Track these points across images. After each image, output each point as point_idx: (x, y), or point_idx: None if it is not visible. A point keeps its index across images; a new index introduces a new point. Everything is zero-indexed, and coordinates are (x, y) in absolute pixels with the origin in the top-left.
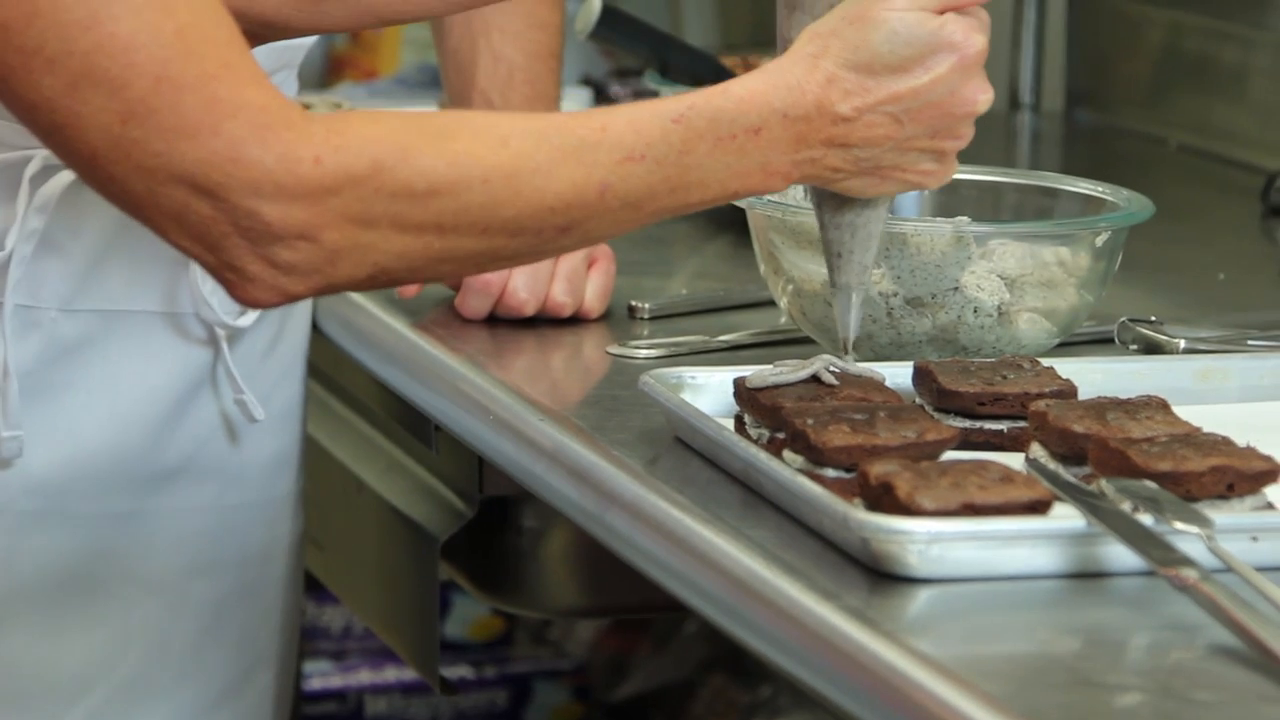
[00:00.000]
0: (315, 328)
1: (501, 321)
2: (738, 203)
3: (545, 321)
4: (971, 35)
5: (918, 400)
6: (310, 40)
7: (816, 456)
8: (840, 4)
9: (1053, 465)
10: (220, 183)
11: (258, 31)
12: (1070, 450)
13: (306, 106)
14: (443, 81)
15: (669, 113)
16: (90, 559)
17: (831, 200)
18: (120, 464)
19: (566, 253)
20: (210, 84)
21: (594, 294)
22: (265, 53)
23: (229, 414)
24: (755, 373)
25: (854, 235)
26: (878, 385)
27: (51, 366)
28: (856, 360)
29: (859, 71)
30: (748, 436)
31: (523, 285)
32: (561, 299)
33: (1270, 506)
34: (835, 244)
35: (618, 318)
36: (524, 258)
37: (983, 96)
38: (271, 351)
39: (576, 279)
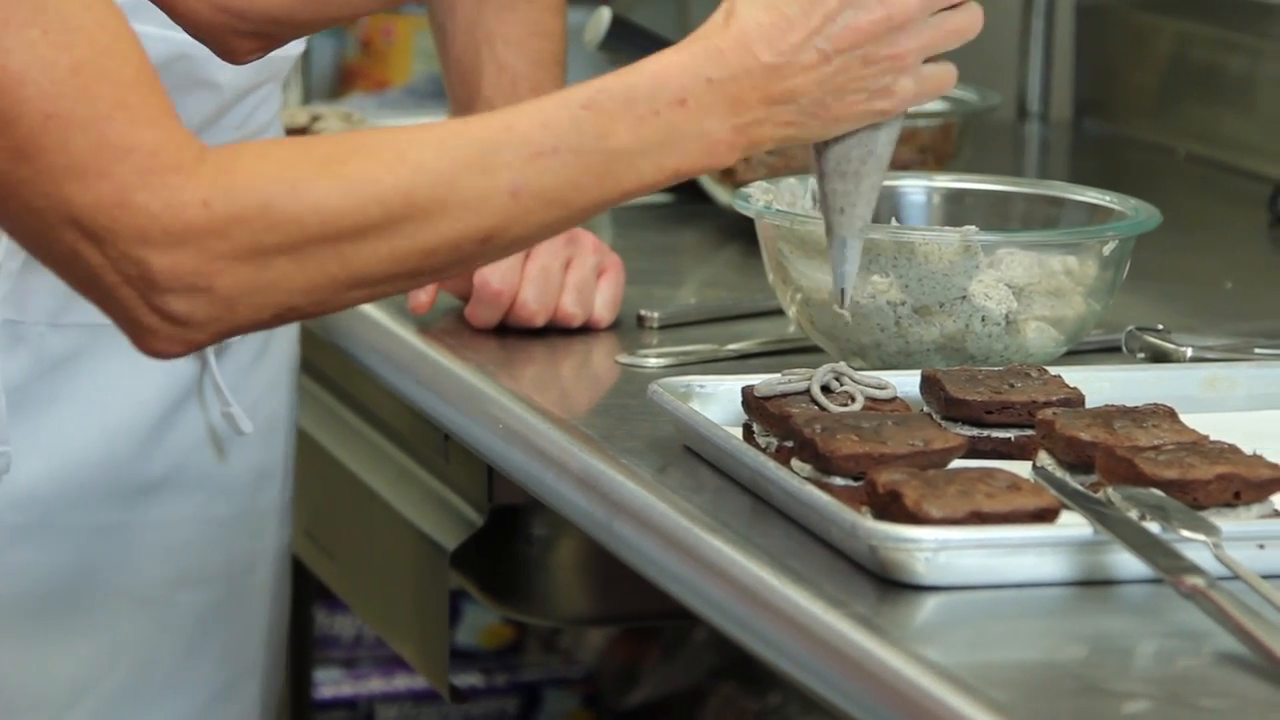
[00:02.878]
0: (326, 338)
1: (511, 331)
2: (746, 213)
3: (554, 331)
4: None
5: (925, 409)
6: (295, 53)
7: (824, 465)
8: None
9: (1060, 473)
10: (107, 228)
11: (267, 30)
12: (1077, 458)
13: (316, 118)
14: (447, 91)
15: (577, 100)
16: (77, 571)
17: (826, 150)
18: (107, 476)
19: (498, 260)
20: (101, 124)
21: (603, 304)
22: (250, 67)
23: (215, 426)
24: (763, 381)
25: (835, 182)
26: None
27: (39, 381)
28: (850, 315)
29: (768, 14)
30: (756, 445)
31: (533, 296)
32: (571, 309)
33: (1277, 514)
34: (819, 194)
35: (627, 327)
36: (448, 272)
37: (899, 3)
38: (258, 363)
39: (586, 289)
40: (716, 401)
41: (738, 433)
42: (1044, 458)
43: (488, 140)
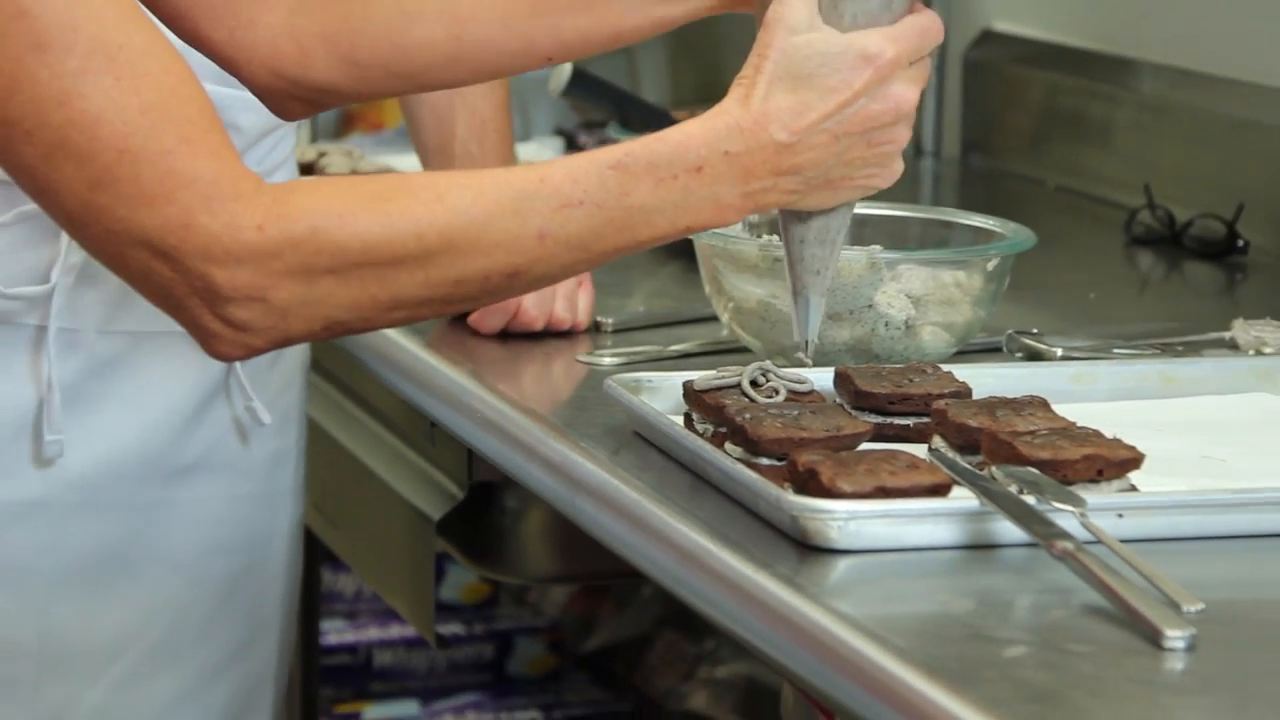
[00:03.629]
0: (332, 342)
1: (484, 336)
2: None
3: (520, 334)
4: (883, 44)
5: (838, 400)
6: None
7: (753, 448)
8: (755, 44)
9: (951, 454)
10: (175, 247)
11: (314, 98)
12: (966, 442)
13: (323, 154)
14: (419, 131)
15: (606, 160)
16: (121, 542)
17: (793, 216)
18: (147, 461)
19: (523, 294)
20: (167, 158)
21: (584, 310)
22: (268, 113)
23: (239, 418)
24: (701, 377)
25: (810, 244)
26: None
27: (89, 380)
28: (812, 361)
29: (787, 98)
30: (695, 431)
31: (533, 304)
32: (563, 315)
33: (1133, 488)
34: (794, 254)
35: (586, 330)
36: (479, 301)
37: (906, 97)
38: (275, 365)
39: (572, 298)
40: (661, 394)
41: (679, 421)
42: (938, 441)
43: (521, 189)
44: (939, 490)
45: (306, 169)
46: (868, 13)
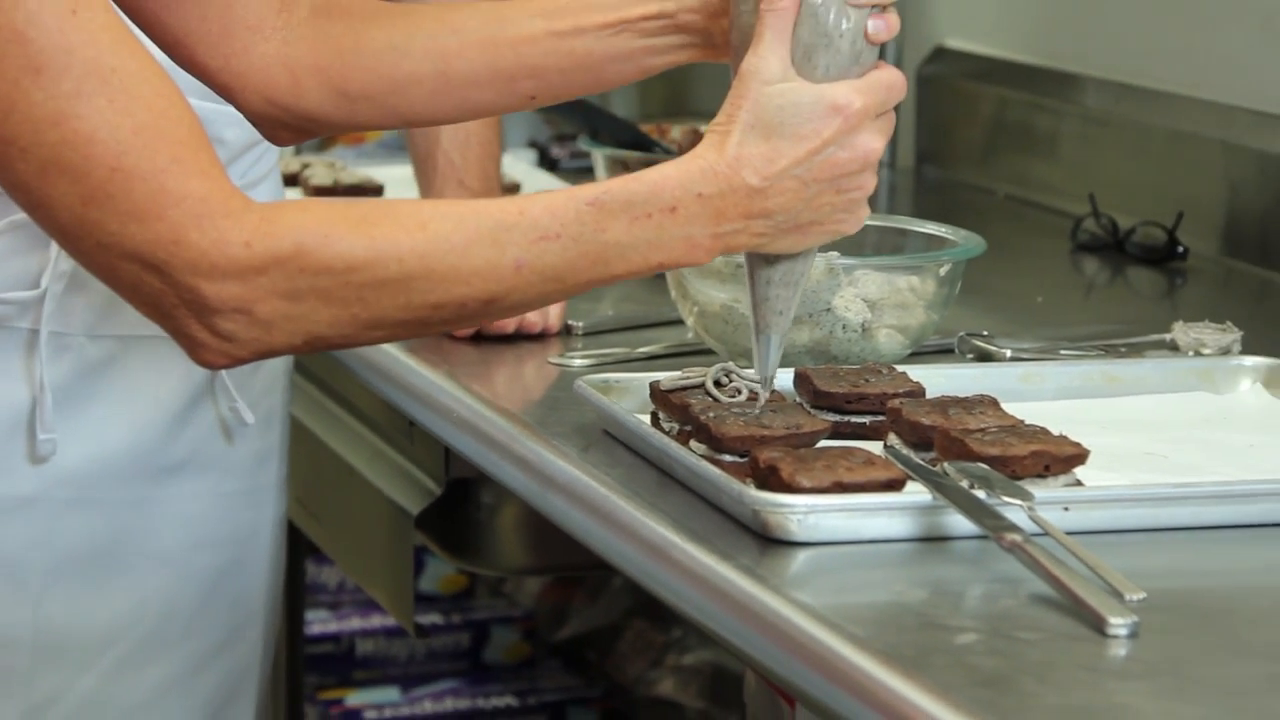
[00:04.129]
0: None
1: (459, 338)
2: None
3: (493, 337)
4: (852, 95)
5: (798, 399)
6: None
7: (716, 445)
8: (730, 93)
9: (906, 451)
10: (165, 261)
11: (304, 125)
12: (920, 439)
13: (306, 165)
14: (410, 141)
15: (585, 197)
16: (112, 538)
17: (760, 259)
18: (137, 460)
19: (499, 319)
20: (159, 176)
21: (555, 314)
22: (251, 129)
23: (224, 418)
24: (667, 377)
25: (775, 285)
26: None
27: (80, 382)
28: (770, 393)
29: (760, 145)
30: (661, 429)
31: None
32: (534, 318)
33: (1079, 483)
34: (759, 294)
35: (558, 334)
36: (455, 324)
37: (873, 147)
38: (259, 367)
39: None
40: (629, 394)
41: (646, 419)
42: (893, 438)
43: (501, 220)
44: (894, 485)
45: (290, 180)
46: (839, 64)
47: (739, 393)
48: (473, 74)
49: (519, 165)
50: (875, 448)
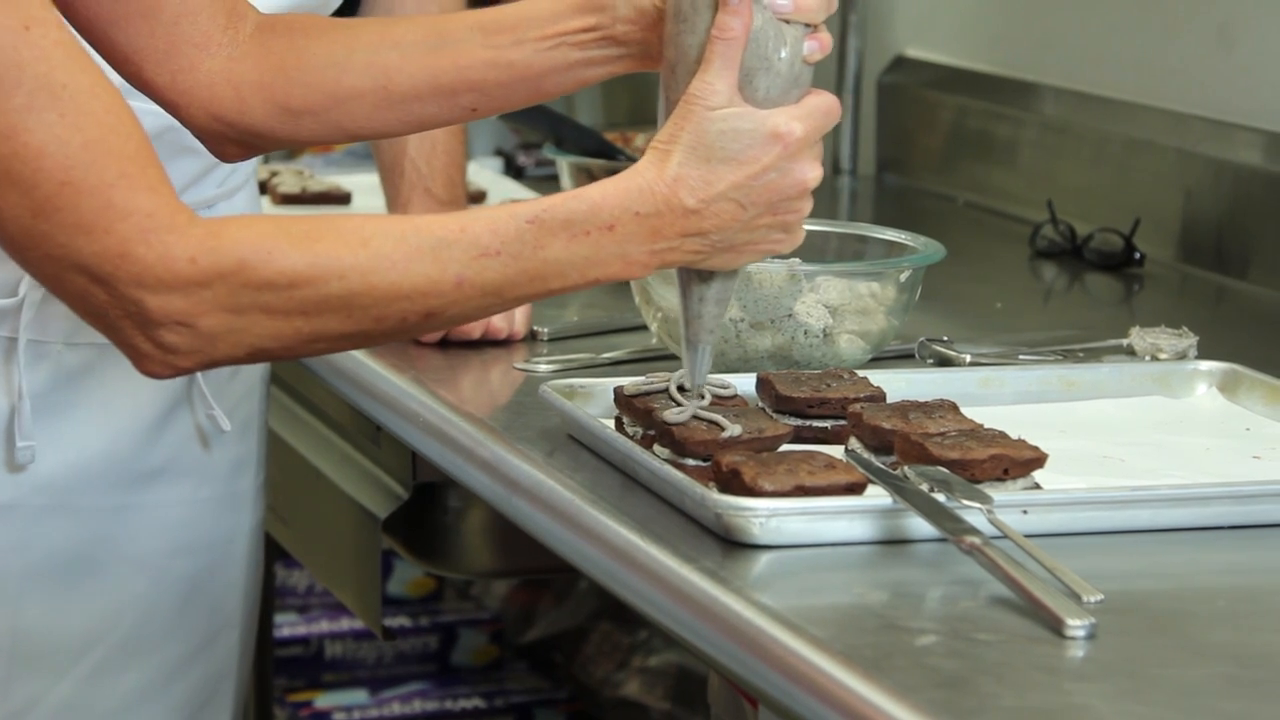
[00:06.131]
0: None
1: (425, 344)
2: None
3: (459, 343)
4: (792, 123)
5: (760, 404)
6: None
7: (680, 449)
8: (674, 113)
9: (867, 455)
10: (111, 274)
11: (248, 140)
12: (880, 443)
13: (275, 173)
14: (376, 149)
15: (525, 214)
16: (90, 544)
17: (695, 275)
18: (114, 466)
19: (437, 332)
20: (107, 190)
21: (521, 319)
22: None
23: (201, 425)
24: (631, 383)
25: (709, 303)
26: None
27: (58, 390)
28: (705, 402)
29: (699, 168)
30: (625, 434)
31: None
32: (499, 324)
33: (1037, 486)
34: (692, 310)
35: (523, 339)
36: (396, 337)
37: (811, 175)
38: (235, 376)
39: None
40: (594, 399)
41: (611, 424)
42: (854, 442)
43: (443, 238)
44: (855, 489)
45: (259, 188)
46: (778, 86)
47: (702, 397)
48: (414, 88)
49: (484, 173)
50: (836, 452)
